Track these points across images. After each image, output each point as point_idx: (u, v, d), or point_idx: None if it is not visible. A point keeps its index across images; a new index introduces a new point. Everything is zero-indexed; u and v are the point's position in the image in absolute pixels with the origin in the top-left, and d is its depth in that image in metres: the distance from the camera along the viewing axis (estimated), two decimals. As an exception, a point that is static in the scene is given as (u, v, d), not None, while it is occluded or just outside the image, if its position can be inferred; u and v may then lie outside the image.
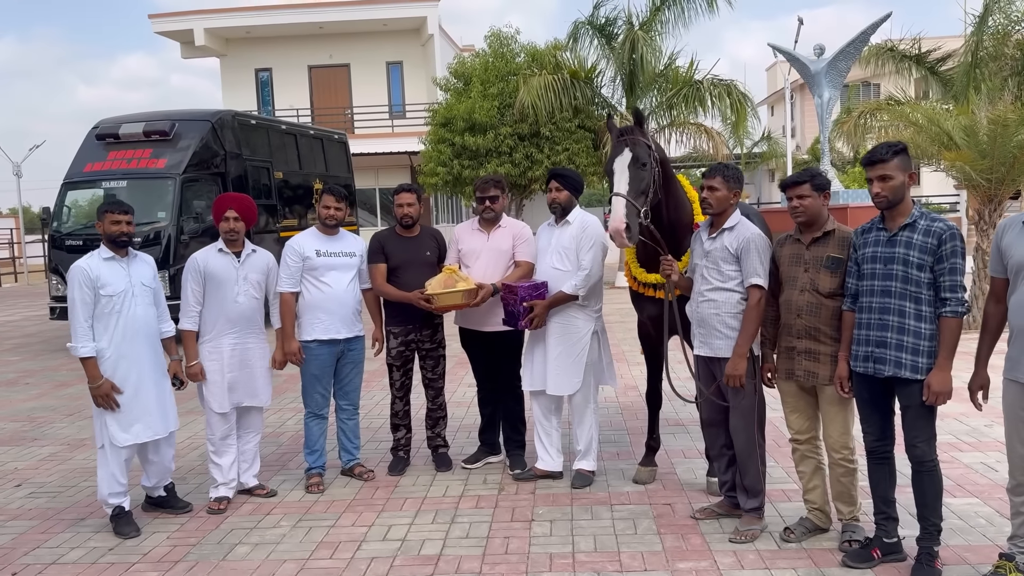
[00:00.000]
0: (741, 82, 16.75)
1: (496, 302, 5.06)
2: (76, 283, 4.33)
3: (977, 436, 5.67)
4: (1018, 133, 9.21)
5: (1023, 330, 3.31)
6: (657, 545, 4.05)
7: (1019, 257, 3.31)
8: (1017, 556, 3.47)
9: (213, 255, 4.81)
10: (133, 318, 4.43)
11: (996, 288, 3.51)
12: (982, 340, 3.58)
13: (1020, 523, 3.48)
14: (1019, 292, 3.32)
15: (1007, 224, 3.45)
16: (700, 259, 4.22)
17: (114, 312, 4.38)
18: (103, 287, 4.35)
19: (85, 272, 4.34)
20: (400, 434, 5.44)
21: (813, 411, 4.00)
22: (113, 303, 4.37)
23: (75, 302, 4.33)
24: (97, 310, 4.36)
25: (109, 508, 4.51)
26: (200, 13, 25.62)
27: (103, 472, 4.47)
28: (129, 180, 11.39)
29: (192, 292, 4.76)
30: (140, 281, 4.50)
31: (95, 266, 4.38)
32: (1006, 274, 3.43)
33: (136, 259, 4.57)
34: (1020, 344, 3.34)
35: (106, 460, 4.45)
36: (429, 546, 4.17)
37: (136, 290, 4.46)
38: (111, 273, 4.39)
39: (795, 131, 36.27)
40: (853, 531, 3.91)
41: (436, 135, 17.97)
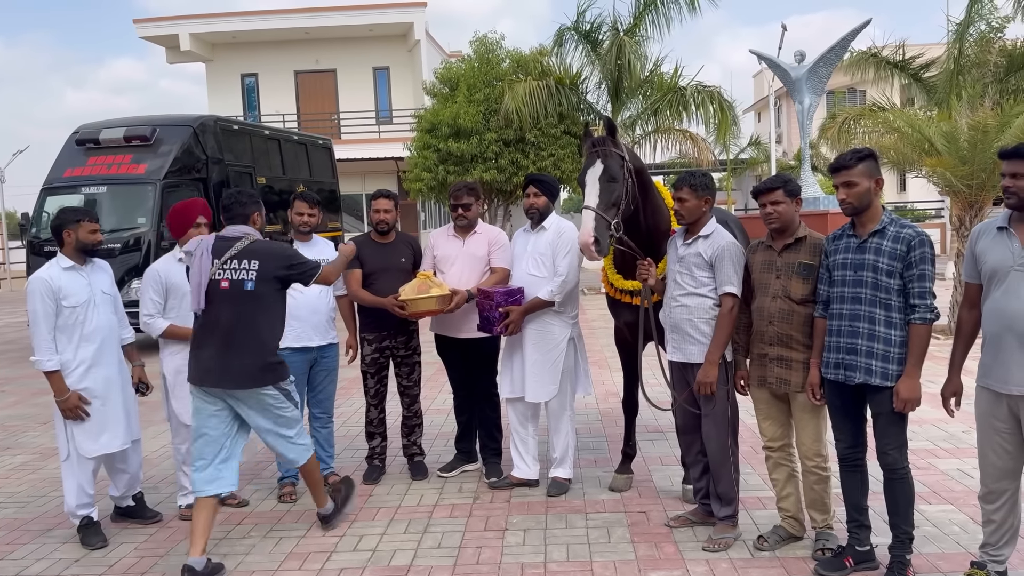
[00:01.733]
0: (725, 89, 16.83)
1: (472, 309, 5.02)
2: (37, 295, 4.21)
3: (955, 442, 5.66)
4: (998, 139, 9.23)
5: (996, 336, 3.29)
6: (630, 554, 4.01)
7: (993, 263, 3.30)
8: (988, 564, 3.46)
9: (174, 265, 4.67)
10: (97, 328, 4.35)
11: (970, 293, 3.50)
12: (956, 346, 3.56)
13: (991, 531, 3.46)
14: (992, 298, 3.31)
15: (981, 229, 3.44)
16: (674, 264, 4.20)
17: (77, 323, 4.29)
18: (65, 298, 4.25)
19: (47, 283, 4.23)
20: (375, 442, 5.39)
21: (786, 418, 3.97)
22: (76, 314, 4.28)
23: (37, 314, 4.21)
24: (60, 321, 4.25)
25: (77, 519, 4.43)
26: (186, 18, 25.55)
27: (70, 483, 4.39)
28: (109, 186, 11.32)
29: (152, 303, 4.62)
30: (100, 289, 4.42)
31: (56, 276, 4.27)
32: (980, 279, 3.41)
33: (95, 267, 4.48)
34: (992, 351, 3.32)
35: (72, 471, 4.37)
36: (400, 556, 4.11)
37: (97, 299, 4.38)
38: (73, 283, 4.30)
39: (781, 137, 36.47)
40: (827, 539, 3.89)
41: (422, 141, 17.94)
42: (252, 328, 3.95)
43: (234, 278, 3.93)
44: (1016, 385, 3.22)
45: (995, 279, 3.30)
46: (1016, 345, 3.20)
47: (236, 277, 3.93)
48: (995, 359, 3.30)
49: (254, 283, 3.93)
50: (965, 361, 3.53)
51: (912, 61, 14.12)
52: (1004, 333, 3.24)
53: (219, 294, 3.93)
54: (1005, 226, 3.29)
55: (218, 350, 3.93)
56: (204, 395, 4.01)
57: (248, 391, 3.98)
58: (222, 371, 3.93)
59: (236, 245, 3.98)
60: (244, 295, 3.92)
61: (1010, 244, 3.25)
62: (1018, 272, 3.20)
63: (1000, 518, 3.42)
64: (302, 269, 4.07)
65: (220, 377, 3.95)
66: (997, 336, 3.28)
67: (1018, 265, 3.20)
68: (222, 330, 3.93)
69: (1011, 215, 3.28)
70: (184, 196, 11.46)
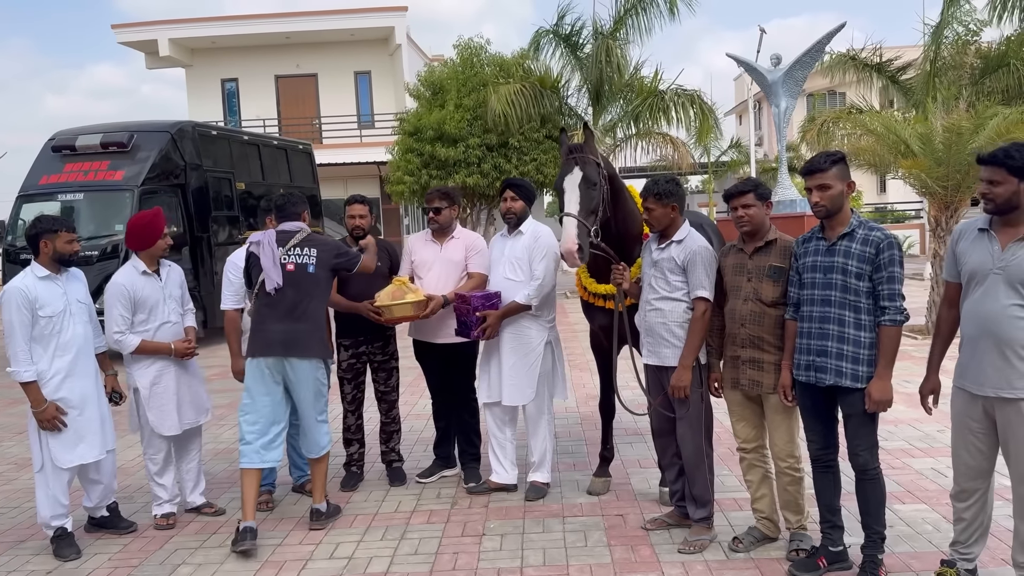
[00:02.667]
0: (705, 92, 16.89)
1: (449, 314, 5.01)
2: (13, 305, 4.16)
3: (929, 442, 5.71)
4: (972, 141, 9.35)
5: (973, 338, 3.31)
6: (606, 557, 4.02)
7: (973, 264, 3.31)
8: (959, 562, 3.49)
9: (139, 278, 4.62)
10: (73, 337, 4.32)
11: (950, 293, 3.51)
12: (934, 344, 3.58)
13: (962, 529, 3.49)
14: (971, 299, 3.33)
15: (962, 229, 3.44)
16: (648, 268, 4.22)
17: (54, 333, 4.25)
18: (41, 308, 4.21)
19: (23, 293, 4.18)
20: (352, 449, 5.37)
21: (759, 420, 3.99)
22: (52, 323, 4.24)
23: (12, 325, 4.16)
24: (36, 331, 4.21)
25: (50, 530, 4.39)
26: (164, 23, 25.37)
27: (43, 494, 4.34)
28: (86, 193, 11.23)
29: (122, 319, 4.56)
30: (76, 298, 4.39)
31: (32, 286, 4.22)
32: (960, 279, 3.42)
33: (70, 275, 4.44)
34: (969, 351, 3.34)
35: (46, 482, 4.33)
36: (376, 563, 4.10)
37: (73, 308, 4.35)
38: (49, 293, 4.26)
39: (762, 140, 36.70)
40: (801, 540, 3.91)
41: (404, 144, 17.91)
42: (313, 305, 4.48)
43: (298, 262, 4.43)
44: (991, 387, 3.23)
45: (974, 280, 3.31)
46: (992, 347, 3.21)
47: (300, 262, 4.44)
48: (971, 360, 3.32)
49: (315, 267, 4.45)
50: (943, 360, 3.55)
51: (890, 63, 14.26)
52: (981, 335, 3.26)
53: (286, 275, 4.42)
54: (986, 228, 3.30)
55: (285, 324, 4.39)
56: (263, 371, 4.41)
57: (307, 361, 4.43)
58: (291, 342, 4.39)
59: (296, 236, 4.50)
60: (307, 276, 4.45)
61: (990, 247, 3.26)
62: (997, 275, 3.21)
63: (971, 516, 3.45)
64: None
65: (288, 347, 4.38)
66: (974, 338, 3.30)
67: (997, 268, 3.21)
68: (287, 306, 4.42)
69: (992, 218, 3.31)
70: (162, 203, 11.42)
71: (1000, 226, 3.27)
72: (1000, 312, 3.19)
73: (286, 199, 4.68)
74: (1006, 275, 3.18)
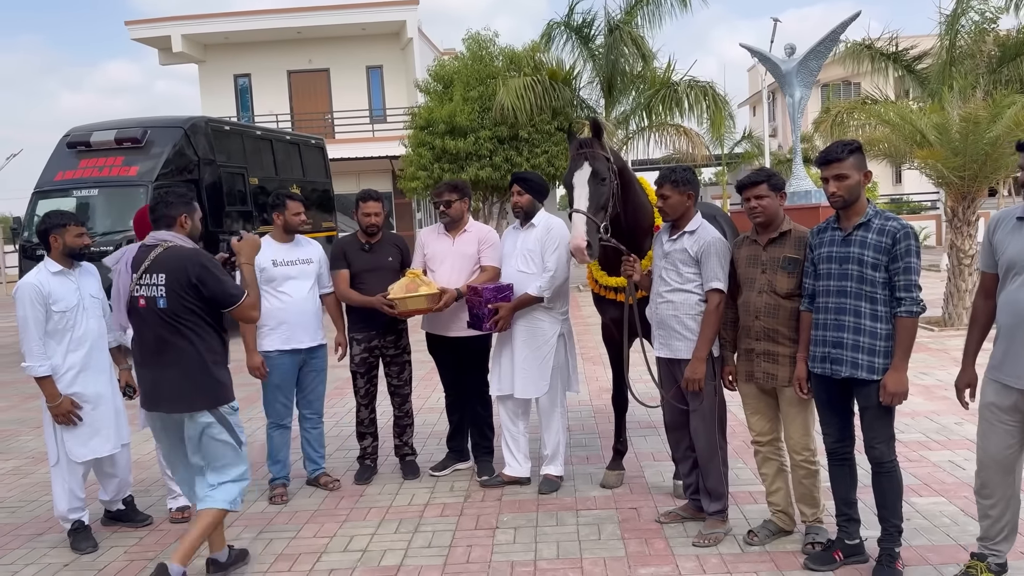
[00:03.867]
0: (717, 83, 16.81)
1: (462, 307, 5.00)
2: (27, 300, 4.18)
3: (947, 434, 5.65)
4: (989, 130, 9.23)
5: (1010, 329, 3.22)
6: (620, 551, 4.01)
7: (1012, 254, 3.23)
8: (988, 556, 3.43)
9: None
10: (87, 332, 4.34)
11: (986, 283, 3.44)
12: (970, 335, 3.50)
13: (989, 524, 3.42)
14: (1008, 290, 3.25)
15: (1000, 218, 3.36)
16: (660, 260, 4.19)
17: (67, 328, 4.27)
18: (55, 303, 4.23)
19: (36, 288, 4.20)
20: (366, 442, 5.38)
21: (774, 413, 3.96)
22: (66, 318, 4.26)
23: (27, 320, 4.18)
24: (49, 327, 4.23)
25: (67, 523, 4.42)
26: (177, 19, 25.47)
27: (59, 488, 4.38)
28: (101, 188, 11.29)
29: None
30: (89, 293, 4.41)
31: (45, 281, 4.24)
32: (996, 269, 3.35)
33: (82, 270, 4.46)
34: (1005, 344, 3.26)
35: (62, 475, 4.36)
36: (390, 556, 4.11)
37: (86, 303, 4.37)
38: (62, 288, 4.28)
39: (776, 131, 36.46)
40: (816, 533, 3.88)
41: (417, 138, 17.91)
42: (178, 347, 3.59)
43: (147, 295, 3.59)
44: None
45: (1012, 271, 3.23)
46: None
47: (149, 294, 3.59)
48: (1008, 352, 3.24)
49: (166, 300, 3.56)
50: (979, 351, 3.48)
51: (905, 53, 14.12)
52: (1019, 326, 3.17)
53: (139, 313, 3.62)
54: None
55: (151, 370, 3.67)
56: (155, 421, 3.86)
57: (182, 415, 3.70)
58: (156, 394, 3.70)
59: (150, 255, 3.60)
60: (160, 313, 3.56)
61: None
62: None
63: (996, 514, 3.38)
64: (216, 290, 3.59)
65: (153, 400, 3.72)
66: (1012, 329, 3.21)
67: None
68: (150, 348, 3.65)
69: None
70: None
71: None
72: None
73: (159, 198, 3.78)
74: None
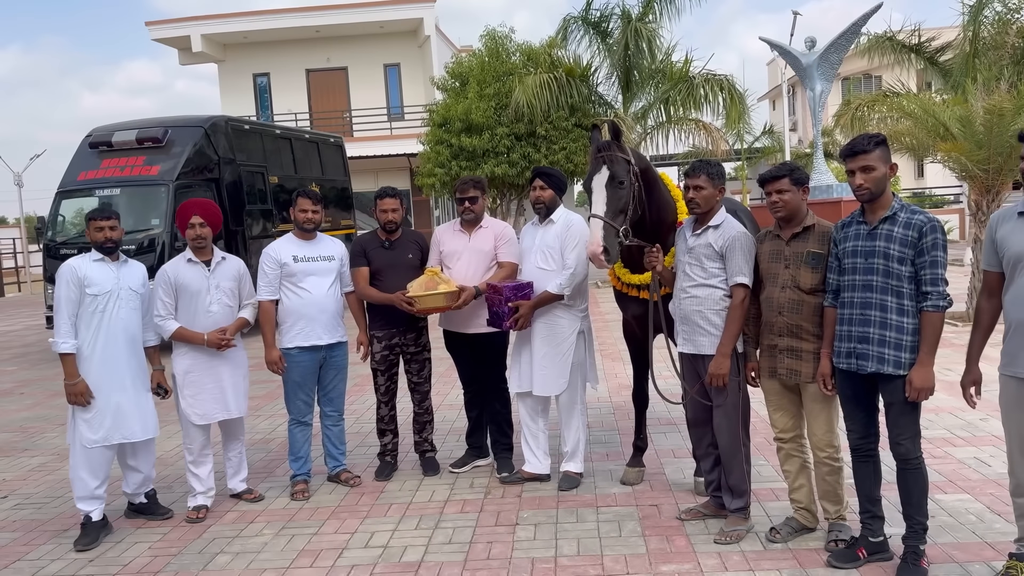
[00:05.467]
0: (736, 77, 16.70)
1: (480, 304, 5.00)
2: (64, 280, 4.36)
3: (971, 431, 5.58)
4: (1014, 122, 9.09)
5: (1022, 324, 3.20)
6: (641, 548, 3.99)
7: (1017, 249, 3.21)
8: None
9: (183, 266, 4.75)
10: (116, 319, 4.43)
11: (989, 282, 3.42)
12: (974, 336, 3.49)
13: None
14: (1017, 285, 3.22)
15: (1001, 216, 3.34)
16: (683, 255, 4.16)
17: (97, 312, 4.39)
18: (89, 286, 4.37)
19: (74, 270, 4.38)
20: (386, 439, 5.40)
21: (797, 409, 3.93)
22: (97, 302, 4.39)
23: (60, 299, 4.36)
24: (81, 309, 4.37)
25: (81, 514, 4.48)
26: (197, 19, 25.63)
27: (73, 474, 4.48)
28: (123, 188, 11.38)
29: (162, 303, 4.70)
30: (128, 285, 4.50)
31: (84, 265, 4.42)
32: (1000, 268, 3.32)
33: (127, 264, 4.59)
34: (1018, 339, 3.23)
35: (76, 461, 4.44)
36: (411, 552, 4.12)
37: (123, 293, 4.46)
38: (99, 273, 4.43)
39: (796, 125, 36.16)
40: (840, 530, 3.84)
41: (434, 136, 17.93)
42: None
43: None
44: None
45: (1019, 265, 3.21)
46: None
47: None
48: (1021, 347, 3.21)
49: None
50: (983, 351, 3.46)
51: (928, 44, 13.94)
52: None
53: None
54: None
55: None
56: None
57: None
58: None
59: None
60: None
61: None
62: None
63: None
64: None
65: None
66: (1023, 324, 3.19)
67: None
68: None
69: None
70: (197, 196, 11.55)
71: None
72: None
73: None
74: None
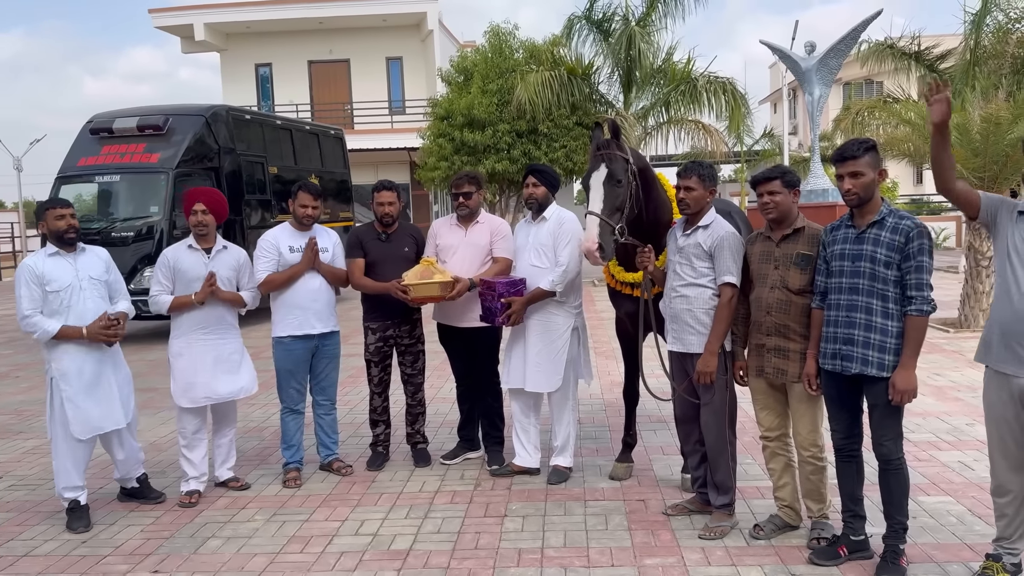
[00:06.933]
0: (738, 79, 16.71)
1: (474, 298, 5.05)
2: (22, 280, 4.35)
3: (957, 435, 5.65)
4: (1011, 131, 9.17)
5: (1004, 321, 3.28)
6: (627, 541, 4.06)
7: (1002, 246, 3.30)
8: (1004, 556, 3.44)
9: (183, 251, 4.81)
10: (84, 312, 4.42)
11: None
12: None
13: (1005, 525, 3.44)
14: (1001, 279, 3.34)
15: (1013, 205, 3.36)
16: (674, 255, 4.22)
17: (63, 307, 4.38)
18: (48, 283, 4.35)
19: (31, 269, 4.37)
20: (379, 430, 5.45)
21: (783, 408, 3.99)
22: (61, 298, 4.37)
23: (21, 299, 4.34)
24: (47, 308, 4.35)
25: (65, 501, 4.53)
26: (200, 8, 25.61)
27: (57, 464, 4.49)
28: (122, 174, 11.44)
29: (159, 284, 4.77)
30: (88, 275, 4.49)
31: (40, 263, 4.39)
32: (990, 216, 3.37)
33: (84, 253, 4.55)
34: (997, 330, 3.30)
35: (59, 453, 4.46)
36: (400, 541, 4.18)
37: (84, 284, 4.45)
38: (56, 268, 4.40)
39: (796, 129, 36.22)
40: (822, 528, 3.91)
41: (437, 129, 17.95)
42: None
43: None
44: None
45: (1004, 261, 3.31)
46: None
47: None
48: (1001, 343, 3.29)
49: None
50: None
51: (928, 52, 13.99)
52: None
53: None
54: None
55: None
56: None
57: None
58: None
59: None
60: None
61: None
62: None
63: (1013, 511, 3.41)
64: None
65: None
66: (1004, 321, 3.29)
67: None
68: None
69: None
70: (196, 185, 11.59)
71: None
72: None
73: None
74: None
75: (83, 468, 4.53)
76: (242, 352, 4.97)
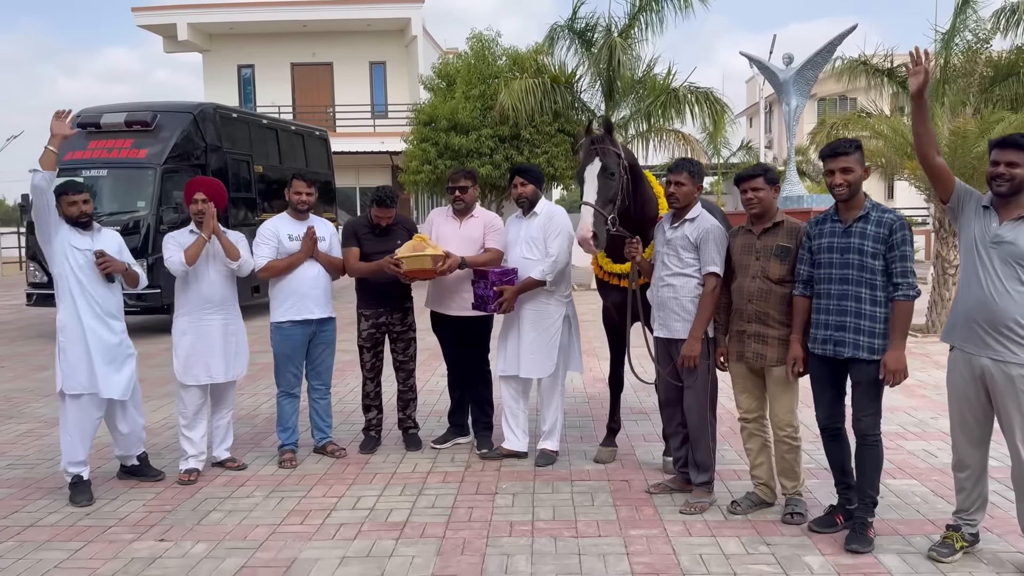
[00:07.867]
0: (719, 90, 17.07)
1: (464, 286, 5.25)
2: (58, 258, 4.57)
3: (923, 427, 5.95)
4: (977, 144, 9.55)
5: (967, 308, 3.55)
6: (612, 515, 4.28)
7: (968, 238, 3.59)
8: (963, 527, 3.73)
9: (187, 237, 4.97)
10: (97, 285, 4.62)
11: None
12: None
13: (964, 498, 3.74)
14: (965, 270, 3.63)
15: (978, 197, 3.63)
16: (661, 247, 4.47)
17: (81, 278, 4.57)
18: (70, 252, 4.56)
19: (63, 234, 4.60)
20: (371, 415, 5.63)
21: (761, 392, 4.24)
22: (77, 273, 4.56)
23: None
24: (66, 271, 4.55)
25: (68, 476, 4.66)
26: (183, 8, 25.63)
27: (63, 439, 4.63)
28: (109, 169, 11.47)
29: (171, 251, 4.93)
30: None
31: (69, 233, 4.62)
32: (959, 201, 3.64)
33: (100, 233, 4.76)
34: (961, 314, 3.58)
35: (68, 426, 4.60)
36: (396, 514, 4.36)
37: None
38: (81, 241, 4.62)
39: (772, 143, 36.84)
40: (796, 504, 4.16)
41: (420, 134, 18.14)
42: None
43: None
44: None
45: (969, 251, 3.59)
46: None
47: None
48: (965, 324, 3.56)
49: None
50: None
51: (900, 69, 14.44)
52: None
53: None
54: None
55: None
56: None
57: None
58: None
59: None
60: None
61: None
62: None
63: (971, 485, 3.70)
64: None
65: None
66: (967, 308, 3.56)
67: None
68: None
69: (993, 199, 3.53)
70: (183, 182, 11.59)
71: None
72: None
73: None
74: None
75: (89, 443, 4.66)
76: (243, 332, 5.14)
